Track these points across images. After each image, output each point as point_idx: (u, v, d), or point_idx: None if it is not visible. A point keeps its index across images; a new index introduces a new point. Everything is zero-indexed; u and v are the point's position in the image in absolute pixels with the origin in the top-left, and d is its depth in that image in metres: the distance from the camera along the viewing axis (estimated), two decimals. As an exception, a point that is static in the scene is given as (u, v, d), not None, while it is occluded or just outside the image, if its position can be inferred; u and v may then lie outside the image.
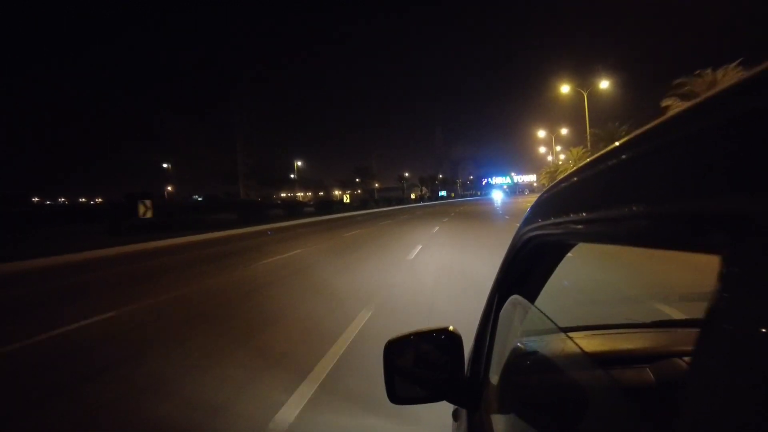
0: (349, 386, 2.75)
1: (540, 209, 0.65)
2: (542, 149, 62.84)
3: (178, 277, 7.86)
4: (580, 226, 0.46)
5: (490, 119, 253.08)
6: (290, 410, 2.44)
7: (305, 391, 2.68)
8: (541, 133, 49.44)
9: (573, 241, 0.59)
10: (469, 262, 7.54)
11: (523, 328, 0.75)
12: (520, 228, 0.73)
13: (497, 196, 65.69)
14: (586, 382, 0.61)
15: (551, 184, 0.64)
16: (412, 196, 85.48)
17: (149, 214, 21.04)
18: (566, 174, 0.58)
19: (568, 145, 52.46)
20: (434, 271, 6.76)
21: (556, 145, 52.37)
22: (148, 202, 21.26)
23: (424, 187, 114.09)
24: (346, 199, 52.30)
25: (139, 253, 12.90)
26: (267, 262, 9.03)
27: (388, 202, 67.54)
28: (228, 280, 7.10)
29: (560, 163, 47.32)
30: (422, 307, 4.59)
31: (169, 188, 43.56)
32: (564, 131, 47.63)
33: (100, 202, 60.82)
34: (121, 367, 3.31)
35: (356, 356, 3.23)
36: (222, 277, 7.40)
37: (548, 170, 55.64)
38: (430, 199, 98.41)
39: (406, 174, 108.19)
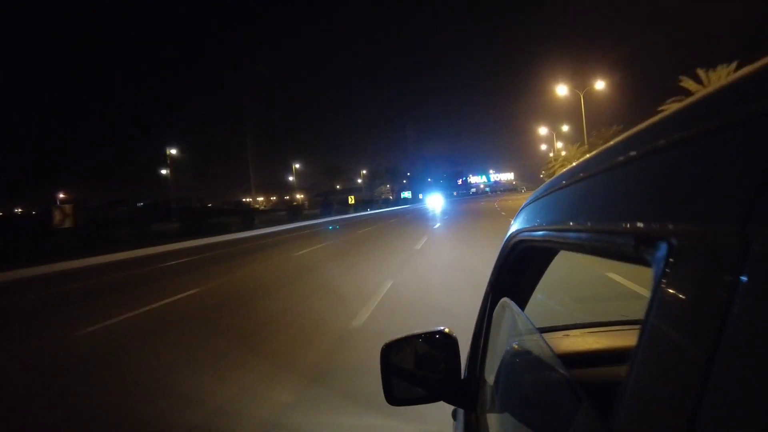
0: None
1: (525, 216, 0.69)
2: (543, 130, 40.65)
3: None
4: (557, 236, 0.50)
5: (468, 114, 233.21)
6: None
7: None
8: (561, 90, 26.15)
9: (554, 248, 0.61)
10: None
11: (516, 329, 0.74)
12: (509, 232, 0.76)
13: (434, 203, 39.58)
14: (579, 380, 0.62)
15: (535, 192, 0.68)
16: (350, 200, 52.46)
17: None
18: (544, 184, 0.63)
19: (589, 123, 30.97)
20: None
21: (555, 134, 30.71)
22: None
23: (385, 186, 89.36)
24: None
25: None
26: None
27: (281, 218, 37.58)
28: None
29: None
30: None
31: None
32: (600, 85, 24.47)
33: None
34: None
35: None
36: None
37: (565, 157, 33.79)
38: (387, 203, 71.41)
39: (363, 171, 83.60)
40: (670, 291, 0.25)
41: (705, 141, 0.26)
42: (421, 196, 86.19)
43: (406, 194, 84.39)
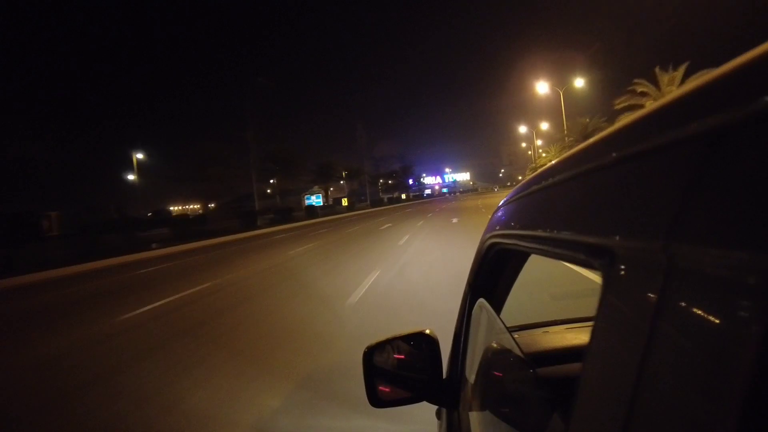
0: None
1: (497, 219, 0.71)
2: (540, 91, 22.92)
3: None
4: (525, 241, 0.52)
5: (419, 108, 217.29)
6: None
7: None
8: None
9: (524, 251, 0.63)
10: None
11: (493, 328, 0.76)
12: (484, 233, 0.78)
13: None
14: (559, 375, 0.61)
15: (508, 194, 0.70)
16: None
17: None
18: (516, 187, 0.64)
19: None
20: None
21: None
22: None
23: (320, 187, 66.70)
24: None
25: None
26: None
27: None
28: None
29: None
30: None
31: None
32: None
33: None
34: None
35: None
36: None
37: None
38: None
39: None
40: (611, 298, 0.28)
41: (642, 160, 0.27)
42: (347, 201, 55.76)
43: (316, 199, 55.30)
